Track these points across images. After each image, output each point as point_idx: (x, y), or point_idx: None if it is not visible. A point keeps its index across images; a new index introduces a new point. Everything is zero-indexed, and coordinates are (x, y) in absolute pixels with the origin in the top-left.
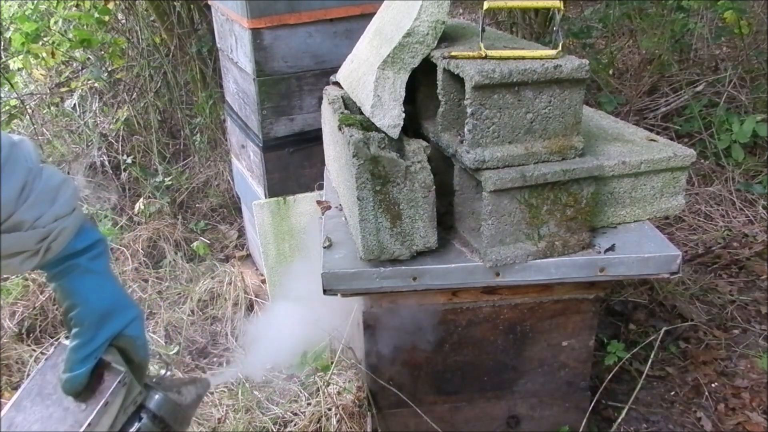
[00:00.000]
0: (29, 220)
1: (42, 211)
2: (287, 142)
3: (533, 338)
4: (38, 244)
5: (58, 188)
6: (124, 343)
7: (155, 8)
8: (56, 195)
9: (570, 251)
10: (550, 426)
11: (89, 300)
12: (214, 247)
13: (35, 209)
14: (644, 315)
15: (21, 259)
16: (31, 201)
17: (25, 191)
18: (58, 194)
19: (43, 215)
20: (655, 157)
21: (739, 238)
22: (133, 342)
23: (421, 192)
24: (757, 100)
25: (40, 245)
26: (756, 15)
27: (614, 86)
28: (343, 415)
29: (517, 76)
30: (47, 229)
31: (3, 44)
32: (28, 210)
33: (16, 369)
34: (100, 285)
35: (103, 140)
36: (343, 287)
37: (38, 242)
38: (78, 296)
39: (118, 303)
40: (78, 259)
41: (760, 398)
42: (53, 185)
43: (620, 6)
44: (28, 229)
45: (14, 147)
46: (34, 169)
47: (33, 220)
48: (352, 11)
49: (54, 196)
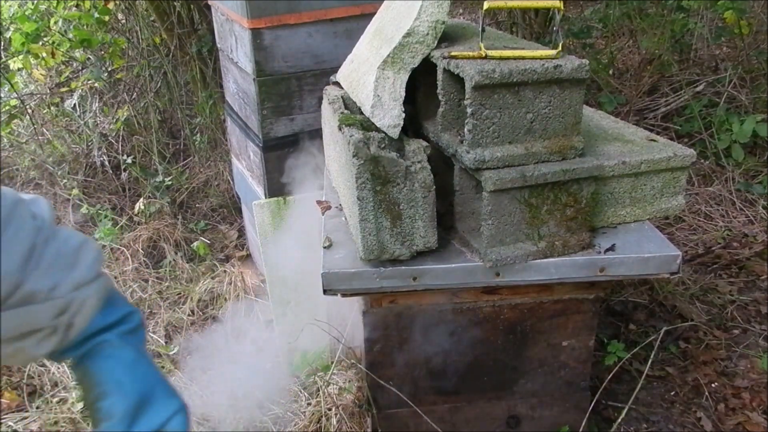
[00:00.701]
0: (43, 289)
1: (58, 278)
2: (287, 142)
3: (533, 338)
4: (56, 320)
5: (77, 251)
6: None
7: (155, 8)
8: (75, 259)
9: (570, 251)
10: (550, 426)
11: (122, 385)
12: (214, 247)
13: (50, 277)
14: (644, 315)
15: (37, 340)
16: (43, 267)
17: (35, 256)
18: (77, 258)
19: (60, 284)
20: (655, 157)
21: (739, 238)
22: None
23: (421, 192)
24: (757, 100)
25: (58, 321)
26: (756, 15)
27: (614, 86)
28: (343, 415)
29: (517, 76)
30: (66, 299)
31: (3, 44)
32: (40, 278)
33: (16, 369)
34: (135, 367)
35: (103, 140)
36: (343, 287)
37: (56, 317)
38: (108, 382)
39: (157, 390)
40: (107, 335)
41: (760, 398)
42: (71, 248)
43: (620, 6)
44: (43, 300)
45: (18, 204)
46: (45, 229)
47: (48, 290)
48: (352, 11)
49: (73, 261)
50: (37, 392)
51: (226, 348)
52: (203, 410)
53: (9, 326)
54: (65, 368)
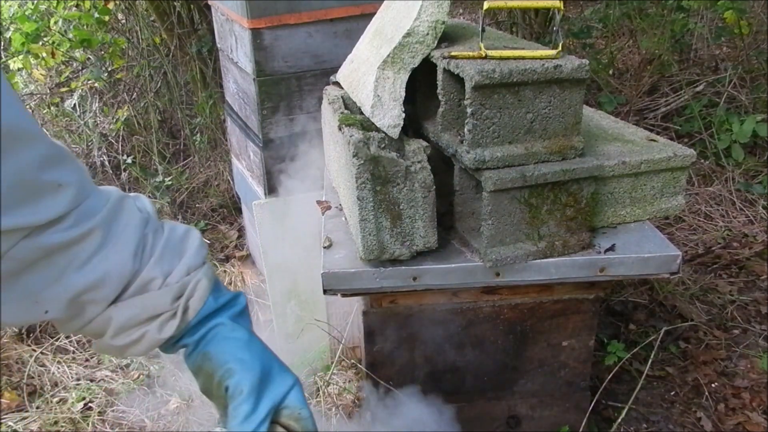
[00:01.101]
0: (159, 276)
1: (171, 265)
2: (287, 142)
3: (533, 338)
4: (174, 303)
5: (184, 239)
6: (287, 417)
7: (155, 8)
8: (183, 246)
9: (570, 251)
10: (550, 426)
11: (245, 362)
12: (214, 247)
13: (164, 264)
14: (644, 315)
15: (159, 324)
16: (157, 255)
17: (147, 245)
18: (185, 246)
19: (173, 270)
20: (655, 157)
21: (739, 238)
22: (298, 413)
23: (421, 192)
24: (757, 100)
25: (176, 304)
26: (756, 15)
27: (614, 86)
28: (343, 415)
29: (517, 76)
30: (181, 284)
31: (3, 44)
32: (155, 265)
33: (16, 369)
34: (252, 345)
35: (103, 140)
36: (343, 287)
37: (174, 300)
38: (232, 360)
39: (274, 366)
40: (220, 318)
41: (760, 398)
42: (178, 236)
43: (620, 6)
44: (161, 287)
45: (124, 199)
46: (152, 220)
47: (164, 277)
48: (352, 11)
49: (181, 248)
50: (37, 392)
51: None
52: (203, 410)
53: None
54: (65, 368)
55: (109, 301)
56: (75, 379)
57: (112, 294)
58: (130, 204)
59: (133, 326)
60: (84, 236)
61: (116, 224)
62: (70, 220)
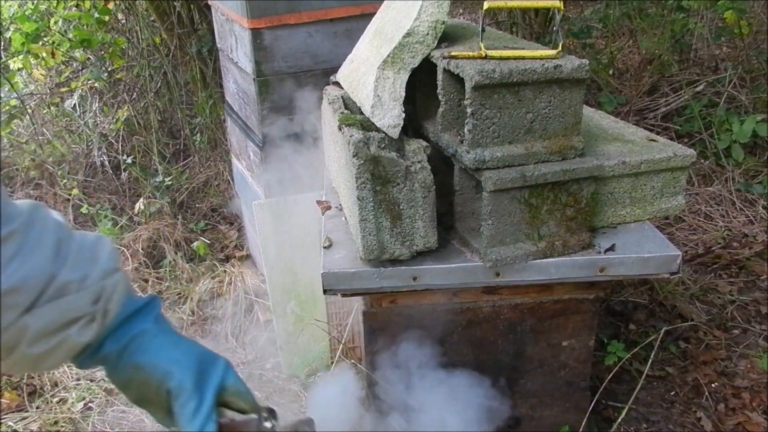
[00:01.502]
0: (75, 280)
1: (86, 269)
2: (287, 142)
3: (533, 338)
4: (93, 306)
5: (95, 245)
6: (229, 396)
7: (155, 8)
8: (96, 252)
9: (570, 251)
10: (550, 426)
11: (180, 361)
12: (214, 247)
13: (78, 269)
14: (644, 315)
15: (78, 327)
16: (71, 260)
17: (62, 250)
18: (97, 252)
19: (89, 274)
20: (655, 157)
21: (739, 238)
22: (237, 390)
23: (421, 192)
24: (757, 100)
25: (95, 308)
26: (756, 15)
27: (614, 86)
28: None
29: (517, 76)
30: (98, 287)
31: (3, 44)
32: (71, 270)
33: None
34: (180, 343)
35: (103, 140)
36: (343, 287)
37: (92, 303)
38: (167, 362)
39: (204, 356)
40: (143, 324)
41: (760, 398)
42: (90, 242)
43: (620, 6)
44: (77, 291)
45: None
46: (63, 225)
47: (80, 280)
48: (352, 11)
49: (94, 254)
50: (37, 392)
51: (226, 348)
52: None
53: (52, 317)
54: (65, 368)
55: (23, 307)
56: (75, 379)
57: (28, 300)
58: (44, 210)
59: (52, 332)
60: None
61: (33, 229)
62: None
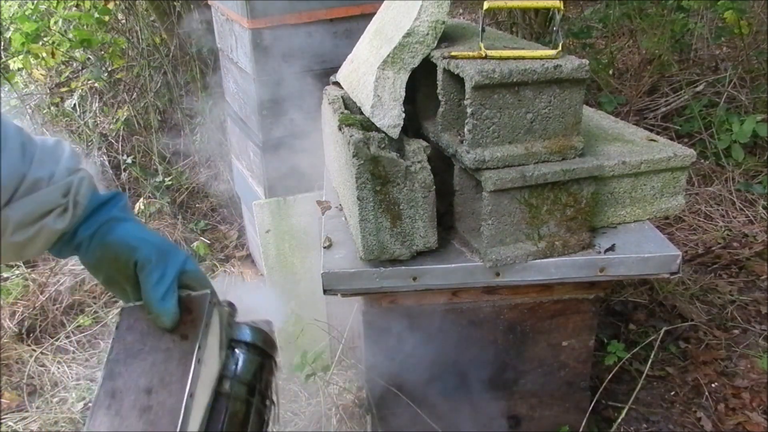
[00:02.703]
0: (44, 177)
1: (52, 167)
2: (287, 142)
3: (533, 338)
4: (64, 198)
5: (56, 146)
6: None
7: (155, 8)
8: (57, 153)
9: (570, 251)
10: (550, 426)
11: (146, 239)
12: (214, 247)
13: (45, 167)
14: (644, 315)
15: (53, 217)
16: (37, 159)
17: (27, 151)
18: (58, 152)
19: (55, 171)
20: (655, 157)
21: (739, 238)
22: (196, 275)
23: (421, 192)
24: (757, 100)
25: (66, 199)
26: (756, 15)
27: (614, 86)
28: (343, 415)
29: (517, 76)
30: (66, 182)
31: (3, 44)
32: (38, 168)
33: (16, 369)
34: (144, 228)
35: (103, 140)
36: (343, 287)
37: (63, 196)
38: (134, 239)
39: (167, 242)
40: (110, 212)
41: (760, 398)
42: (50, 144)
43: (620, 6)
44: (48, 186)
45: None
46: (23, 129)
47: (48, 177)
48: (352, 11)
49: (56, 154)
50: (37, 392)
51: None
52: None
53: (29, 209)
54: (65, 368)
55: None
56: (75, 379)
57: (5, 197)
58: (6, 116)
59: (30, 222)
60: None
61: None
62: None
